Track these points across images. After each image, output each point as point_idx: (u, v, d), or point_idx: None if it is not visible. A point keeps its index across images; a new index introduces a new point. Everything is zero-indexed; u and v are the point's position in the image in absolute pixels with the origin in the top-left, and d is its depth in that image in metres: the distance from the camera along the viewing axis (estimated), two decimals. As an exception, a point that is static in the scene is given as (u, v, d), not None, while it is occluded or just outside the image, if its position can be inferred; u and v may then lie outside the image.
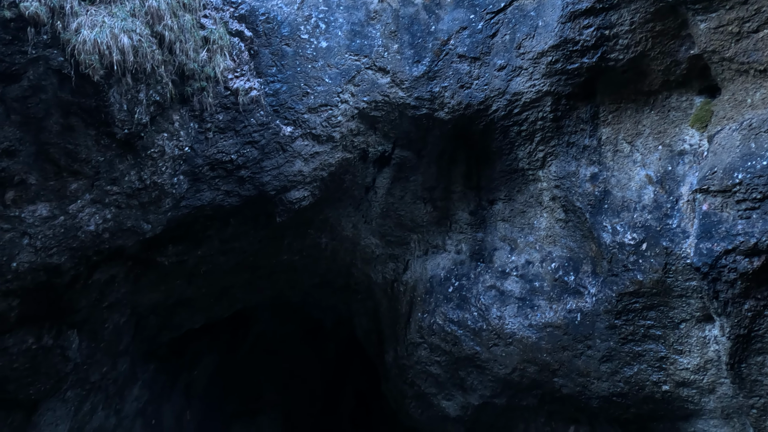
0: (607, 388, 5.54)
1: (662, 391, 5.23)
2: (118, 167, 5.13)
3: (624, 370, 5.40)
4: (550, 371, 5.83)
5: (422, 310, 6.85)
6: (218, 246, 6.47)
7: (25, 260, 4.96)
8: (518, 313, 6.06)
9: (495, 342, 6.13)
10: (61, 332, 6.05)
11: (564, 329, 5.68)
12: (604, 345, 5.47)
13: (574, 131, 5.80)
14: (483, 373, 6.31)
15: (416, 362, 6.91)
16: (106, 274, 5.82)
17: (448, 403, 6.76)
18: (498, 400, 6.37)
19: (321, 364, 11.23)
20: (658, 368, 5.24)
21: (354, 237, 7.34)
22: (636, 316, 5.26)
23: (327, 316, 10.08)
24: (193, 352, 10.58)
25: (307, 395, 11.26)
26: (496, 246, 6.61)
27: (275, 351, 11.45)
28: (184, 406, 10.68)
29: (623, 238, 5.26)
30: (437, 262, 7.00)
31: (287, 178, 6.01)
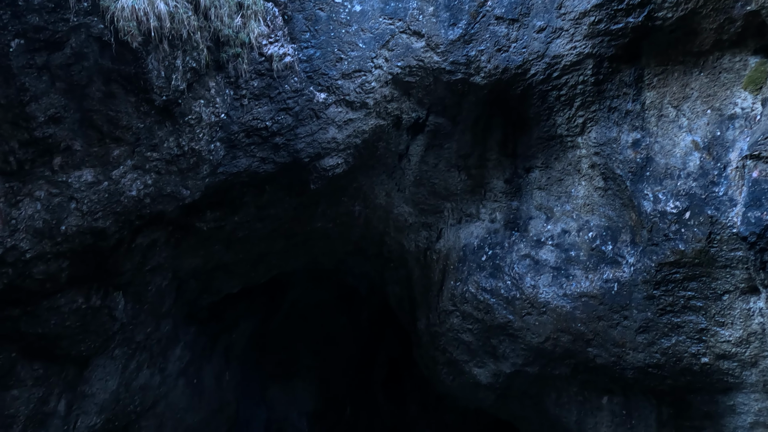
0: (642, 359, 5.45)
1: (701, 364, 5.11)
2: (158, 134, 5.24)
3: (661, 342, 5.30)
4: (584, 341, 5.78)
5: (455, 278, 6.85)
6: (254, 212, 6.59)
7: (73, 224, 5.17)
8: (553, 282, 5.99)
9: (528, 311, 6.09)
10: (108, 293, 6.34)
11: (600, 299, 5.59)
12: (641, 316, 5.36)
13: (616, 95, 5.58)
14: (515, 341, 6.30)
15: (448, 330, 6.95)
16: (148, 239, 6.02)
17: (480, 370, 6.80)
18: (530, 369, 6.37)
19: (355, 331, 11.45)
20: (697, 340, 5.11)
21: (387, 205, 7.35)
22: (676, 287, 5.12)
23: (361, 283, 10.21)
24: (232, 317, 10.95)
25: (341, 360, 11.53)
26: (531, 215, 6.50)
27: (310, 317, 11.73)
28: (223, 367, 11.12)
29: (665, 207, 5.08)
30: (471, 231, 6.95)
31: (321, 146, 6.03)
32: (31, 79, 4.48)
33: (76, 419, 7.34)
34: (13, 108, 4.50)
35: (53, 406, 6.80)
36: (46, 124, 4.69)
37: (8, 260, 4.95)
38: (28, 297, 5.45)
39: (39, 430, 6.75)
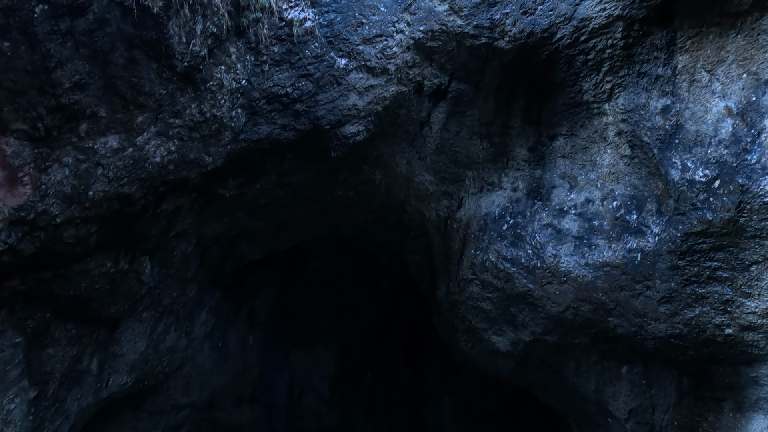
0: (664, 329, 5.41)
1: (725, 335, 5.05)
2: (180, 100, 5.27)
3: (684, 312, 5.23)
4: (605, 310, 5.74)
5: (475, 247, 6.84)
6: (276, 180, 6.63)
7: (100, 189, 5.29)
8: (575, 251, 5.93)
9: (549, 280, 6.07)
10: (135, 258, 6.52)
11: (622, 269, 5.52)
12: (664, 286, 5.29)
13: (646, 60, 5.39)
14: (535, 310, 6.30)
15: (468, 298, 6.98)
16: (172, 205, 6.13)
17: (499, 338, 6.84)
18: (549, 338, 6.38)
19: (375, 299, 11.59)
20: (722, 311, 5.04)
21: (408, 173, 7.31)
22: (702, 257, 5.02)
23: (381, 252, 10.27)
24: (255, 283, 11.18)
25: (362, 327, 11.73)
26: (554, 183, 6.41)
27: (331, 285, 11.91)
28: (247, 332, 11.43)
29: (694, 175, 4.94)
30: (492, 200, 6.89)
31: (342, 113, 5.99)
32: (55, 45, 4.52)
33: (108, 378, 7.66)
34: (39, 74, 4.56)
35: (86, 365, 7.10)
36: (72, 91, 4.75)
37: (40, 224, 5.10)
38: (59, 260, 5.64)
39: (74, 386, 7.08)
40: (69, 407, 7.15)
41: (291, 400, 12.11)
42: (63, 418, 7.08)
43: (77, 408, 7.30)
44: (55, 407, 6.82)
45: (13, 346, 5.90)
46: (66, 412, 7.10)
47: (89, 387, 7.39)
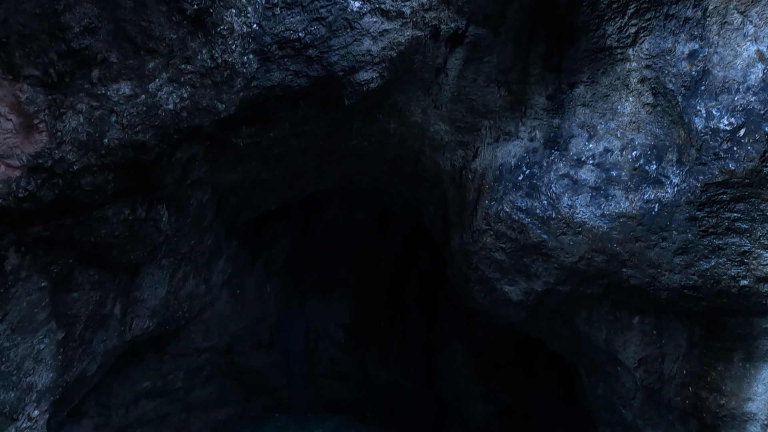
0: (678, 280, 5.38)
1: (740, 286, 5.02)
2: (191, 45, 5.18)
3: (700, 263, 5.19)
4: (618, 261, 5.72)
5: (490, 197, 6.79)
6: (289, 128, 6.58)
7: (115, 137, 5.31)
8: (591, 202, 5.86)
9: (563, 231, 6.03)
10: (152, 206, 6.62)
11: (639, 220, 5.46)
12: (680, 237, 5.23)
13: (675, 1, 5.11)
14: (548, 260, 6.30)
15: (481, 248, 7.00)
16: (187, 153, 6.15)
17: (511, 288, 6.89)
18: (562, 288, 6.40)
19: (389, 249, 11.70)
20: (738, 263, 4.98)
21: (423, 123, 7.20)
22: (721, 208, 4.93)
23: (395, 203, 10.28)
24: (271, 233, 11.34)
25: (376, 277, 11.91)
26: (573, 133, 6.26)
27: (346, 235, 12.03)
28: (264, 280, 11.69)
29: (718, 123, 4.77)
30: (508, 150, 6.78)
31: (355, 58, 5.85)
32: (63, -13, 4.44)
33: (131, 322, 7.97)
34: (49, 18, 4.50)
35: (110, 309, 7.37)
36: (82, 35, 4.69)
37: (57, 171, 5.17)
38: (78, 207, 5.75)
39: (99, 329, 7.38)
40: (95, 348, 7.48)
41: (307, 345, 12.50)
42: (90, 358, 7.42)
43: (103, 349, 7.63)
44: (83, 348, 7.14)
45: (40, 290, 6.13)
46: (93, 353, 7.44)
47: (113, 330, 7.70)
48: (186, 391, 10.96)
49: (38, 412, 6.36)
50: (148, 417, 10.40)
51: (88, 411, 9.25)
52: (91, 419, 9.31)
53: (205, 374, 11.15)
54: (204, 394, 11.38)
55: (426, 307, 11.05)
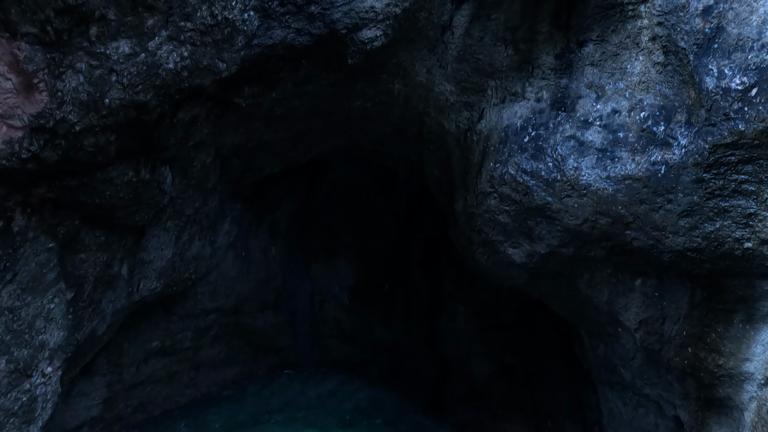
0: (682, 242, 5.38)
1: (743, 248, 5.01)
2: (190, 2, 5.06)
3: (704, 226, 5.17)
4: (623, 224, 5.71)
5: (495, 160, 6.74)
6: (292, 89, 6.49)
7: (116, 97, 5.25)
8: (596, 164, 5.80)
9: (568, 193, 6.00)
10: (156, 168, 6.61)
11: (644, 182, 5.41)
12: (686, 199, 5.19)
13: (691, -46, 4.91)
14: (552, 223, 6.29)
15: (485, 211, 6.99)
16: (189, 114, 6.09)
17: (514, 250, 6.91)
18: (565, 250, 6.42)
19: (393, 212, 11.72)
20: (743, 225, 4.96)
21: (428, 83, 7.07)
22: (729, 170, 4.87)
23: (399, 165, 10.23)
24: (275, 196, 11.35)
25: (380, 240, 11.97)
26: (580, 93, 6.14)
27: (350, 198, 12.03)
28: (269, 242, 11.78)
29: (730, 83, 4.66)
30: (514, 111, 6.67)
31: (358, 15, 5.70)
32: (56, -61, 4.31)
33: (139, 282, 8.09)
34: (44, -28, 4.39)
35: (117, 270, 7.47)
36: (78, -9, 4.58)
37: (60, 132, 5.15)
38: (82, 169, 5.75)
39: (107, 290, 7.50)
40: (104, 308, 7.63)
41: (312, 307, 12.71)
42: (100, 318, 7.57)
43: (112, 309, 7.78)
44: (92, 308, 7.28)
45: (47, 250, 6.20)
46: (102, 313, 7.59)
47: (121, 290, 7.82)
48: (194, 350, 11.22)
49: (51, 368, 6.55)
50: (159, 375, 10.69)
51: (99, 369, 9.51)
52: (103, 377, 9.58)
53: (212, 334, 11.39)
54: (212, 353, 11.66)
55: (429, 269, 11.14)
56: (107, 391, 9.69)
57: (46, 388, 6.42)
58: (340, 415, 11.06)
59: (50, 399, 6.47)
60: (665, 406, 6.87)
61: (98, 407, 9.61)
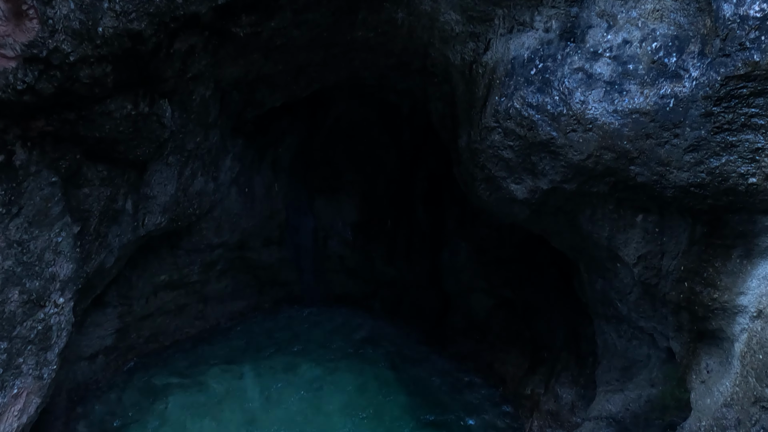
0: (686, 178, 5.33)
1: (747, 184, 4.97)
2: None
3: (710, 161, 5.10)
4: (627, 159, 5.64)
5: (500, 93, 6.58)
6: (291, 17, 6.25)
7: (109, 25, 5.09)
8: (604, 98, 5.66)
9: (573, 128, 5.89)
10: (154, 101, 6.51)
11: (652, 116, 5.29)
12: (693, 134, 5.10)
13: None
14: (556, 158, 6.23)
15: (488, 147, 6.90)
16: (185, 44, 5.92)
17: (517, 186, 6.89)
18: (567, 186, 6.39)
19: (396, 148, 11.62)
20: (749, 160, 4.89)
21: (432, 12, 6.79)
22: (739, 103, 4.74)
23: (403, 101, 10.03)
24: (277, 131, 11.23)
25: (383, 177, 11.95)
26: (591, 23, 5.89)
27: (353, 135, 11.89)
28: (272, 179, 11.79)
29: (748, 10, 4.45)
30: (522, 42, 6.43)
31: (360, -63, 5.40)
32: None
33: (144, 217, 8.18)
34: None
35: (121, 205, 7.54)
36: None
37: (54, 63, 5.03)
38: (80, 101, 5.66)
39: (113, 224, 7.60)
40: (111, 242, 7.76)
41: (316, 243, 12.89)
42: (107, 251, 7.73)
43: (119, 243, 7.92)
44: (99, 242, 7.41)
45: (51, 185, 6.23)
46: (109, 246, 7.73)
47: (127, 225, 7.93)
48: (202, 284, 11.53)
49: (63, 299, 6.76)
50: (168, 307, 11.05)
51: (111, 301, 9.82)
52: (114, 308, 9.92)
53: (219, 269, 11.66)
54: (219, 287, 11.99)
55: (432, 206, 11.19)
56: (119, 322, 10.06)
57: (60, 318, 6.65)
58: (345, 346, 11.50)
59: (64, 328, 6.72)
60: (658, 338, 7.09)
61: (111, 337, 10.01)
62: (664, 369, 7.45)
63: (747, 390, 5.19)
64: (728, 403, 5.43)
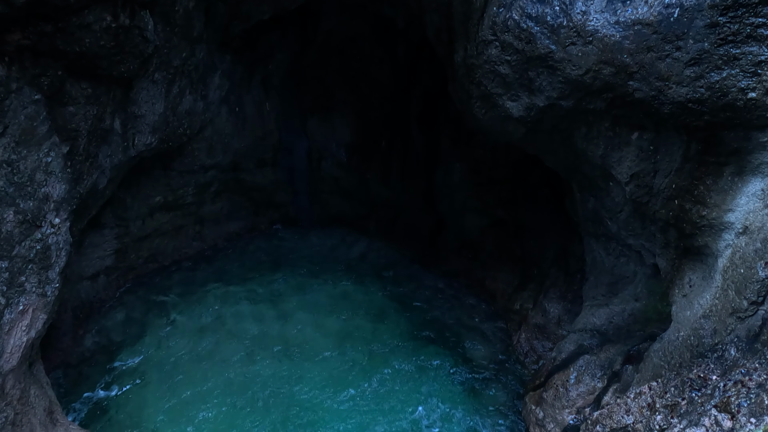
0: (685, 93, 5.22)
1: (746, 99, 4.88)
2: None
3: (710, 75, 4.97)
4: (626, 74, 5.49)
5: (498, 4, 6.26)
6: None
7: (79, -74, 4.72)
8: (606, 8, 5.41)
9: (573, 40, 5.68)
10: (135, 12, 6.18)
11: (655, 27, 5.08)
12: (696, 47, 4.93)
13: None
14: (554, 73, 6.06)
15: (485, 61, 6.68)
16: (163, -52, 5.53)
17: (513, 104, 6.75)
18: (564, 102, 6.27)
19: (391, 65, 11.23)
20: (751, 74, 4.77)
21: None
22: (746, 13, 4.55)
23: (397, 12, 9.56)
24: (266, 47, 10.79)
25: (377, 95, 11.65)
26: (597, -76, 5.49)
27: (346, 50, 11.44)
28: (263, 98, 11.49)
29: None
30: (523, -54, 6.03)
31: None
32: None
33: (133, 137, 8.05)
34: None
35: (109, 124, 7.39)
36: None
37: (23, -32, 4.72)
38: (55, 12, 5.38)
39: (102, 144, 7.49)
40: (102, 163, 7.69)
41: (310, 164, 12.81)
42: (99, 172, 7.67)
43: (110, 164, 7.85)
44: (89, 162, 7.34)
45: (34, 102, 6.05)
46: (100, 167, 7.67)
47: (117, 145, 7.82)
48: (197, 205, 11.58)
49: (59, 219, 6.79)
50: (165, 228, 11.17)
51: (107, 222, 9.90)
52: (111, 229, 10.02)
53: (213, 190, 11.66)
54: (215, 209, 12.06)
55: (427, 126, 11.02)
56: (117, 242, 10.21)
57: (57, 238, 6.72)
58: (341, 265, 11.78)
59: (63, 248, 6.81)
60: (645, 255, 7.27)
61: (111, 257, 10.20)
62: (648, 285, 7.72)
63: (726, 302, 5.40)
64: (707, 314, 5.67)
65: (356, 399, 8.15)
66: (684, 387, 5.43)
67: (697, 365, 5.47)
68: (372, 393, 8.27)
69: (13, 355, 5.99)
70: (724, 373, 5.01)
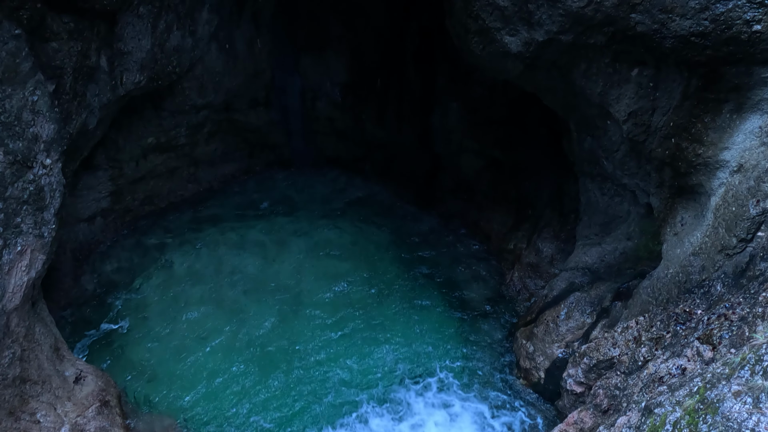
0: (688, 26, 5.06)
1: (751, 32, 4.73)
2: None
3: (715, 7, 4.80)
4: (629, 6, 5.29)
5: (498, -70, 5.94)
6: None
7: None
8: (611, -66, 5.13)
9: (575, -30, 5.43)
10: (114, -61, 5.85)
11: (661, -45, 4.85)
12: (703, -24, 4.73)
13: None
14: (554, 6, 5.83)
15: (483, -6, 6.41)
16: None
17: (511, 38, 6.54)
18: (564, 37, 6.07)
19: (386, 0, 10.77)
20: (757, 5, 4.60)
21: None
22: (757, -62, 4.33)
23: (392, -59, 9.09)
24: (255, -20, 10.31)
25: (372, 32, 11.26)
26: None
27: (339, -16, 10.94)
28: (254, 34, 11.09)
29: None
30: None
31: None
32: None
33: (121, 75, 7.83)
34: None
35: (95, 61, 7.16)
36: None
37: None
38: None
39: (89, 82, 7.30)
40: (91, 102, 7.52)
41: (304, 104, 12.55)
42: (88, 111, 7.52)
43: (99, 103, 7.68)
44: (77, 101, 7.17)
45: (15, 38, 5.83)
46: (89, 107, 7.51)
47: (104, 84, 7.62)
48: (191, 146, 11.44)
49: (50, 160, 6.71)
50: (159, 170, 11.09)
51: (100, 164, 9.81)
52: (104, 171, 9.95)
53: (206, 131, 11.48)
54: (209, 150, 11.92)
55: (423, 63, 10.72)
56: (112, 184, 10.16)
57: (50, 179, 6.68)
58: (337, 206, 11.82)
59: (56, 189, 6.78)
60: (639, 194, 7.30)
61: (107, 200, 10.19)
62: (641, 224, 7.79)
63: (716, 240, 5.48)
64: (696, 252, 5.76)
65: (353, 336, 8.42)
66: (669, 321, 5.60)
67: (683, 300, 5.62)
68: (369, 329, 8.53)
69: (15, 294, 6.10)
70: (709, 307, 5.16)
